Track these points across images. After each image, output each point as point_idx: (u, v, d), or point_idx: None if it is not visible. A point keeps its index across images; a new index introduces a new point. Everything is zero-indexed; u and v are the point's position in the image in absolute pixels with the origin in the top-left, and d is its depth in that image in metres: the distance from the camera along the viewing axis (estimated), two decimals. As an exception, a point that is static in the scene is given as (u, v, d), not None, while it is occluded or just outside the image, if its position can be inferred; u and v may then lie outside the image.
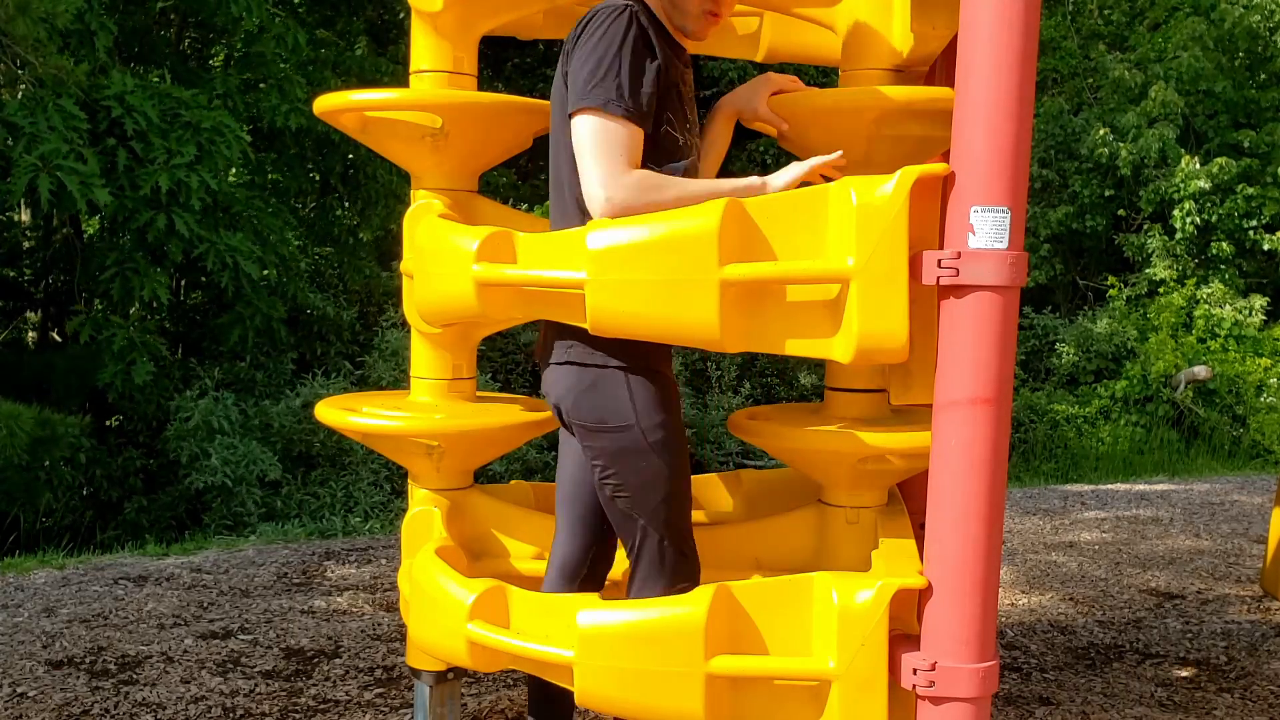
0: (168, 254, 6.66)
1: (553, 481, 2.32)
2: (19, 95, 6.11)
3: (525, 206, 8.68)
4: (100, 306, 7.13)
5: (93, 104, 6.21)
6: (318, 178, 8.94)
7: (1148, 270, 10.78)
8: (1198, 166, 10.28)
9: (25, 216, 8.19)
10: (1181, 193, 10.30)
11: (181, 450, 6.56)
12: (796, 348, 1.81)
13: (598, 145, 1.85)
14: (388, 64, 8.79)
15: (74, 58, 6.16)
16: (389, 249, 9.32)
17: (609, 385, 1.95)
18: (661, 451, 1.95)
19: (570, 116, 1.90)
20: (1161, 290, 10.64)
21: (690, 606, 1.79)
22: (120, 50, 7.48)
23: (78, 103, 6.01)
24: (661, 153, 1.94)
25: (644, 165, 1.89)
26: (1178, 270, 10.59)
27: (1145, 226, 10.98)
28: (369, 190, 8.74)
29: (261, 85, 7.70)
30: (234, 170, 7.44)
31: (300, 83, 7.63)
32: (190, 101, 6.58)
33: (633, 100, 1.85)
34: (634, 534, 2.02)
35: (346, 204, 9.30)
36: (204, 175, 6.37)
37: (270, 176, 8.47)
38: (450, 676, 2.58)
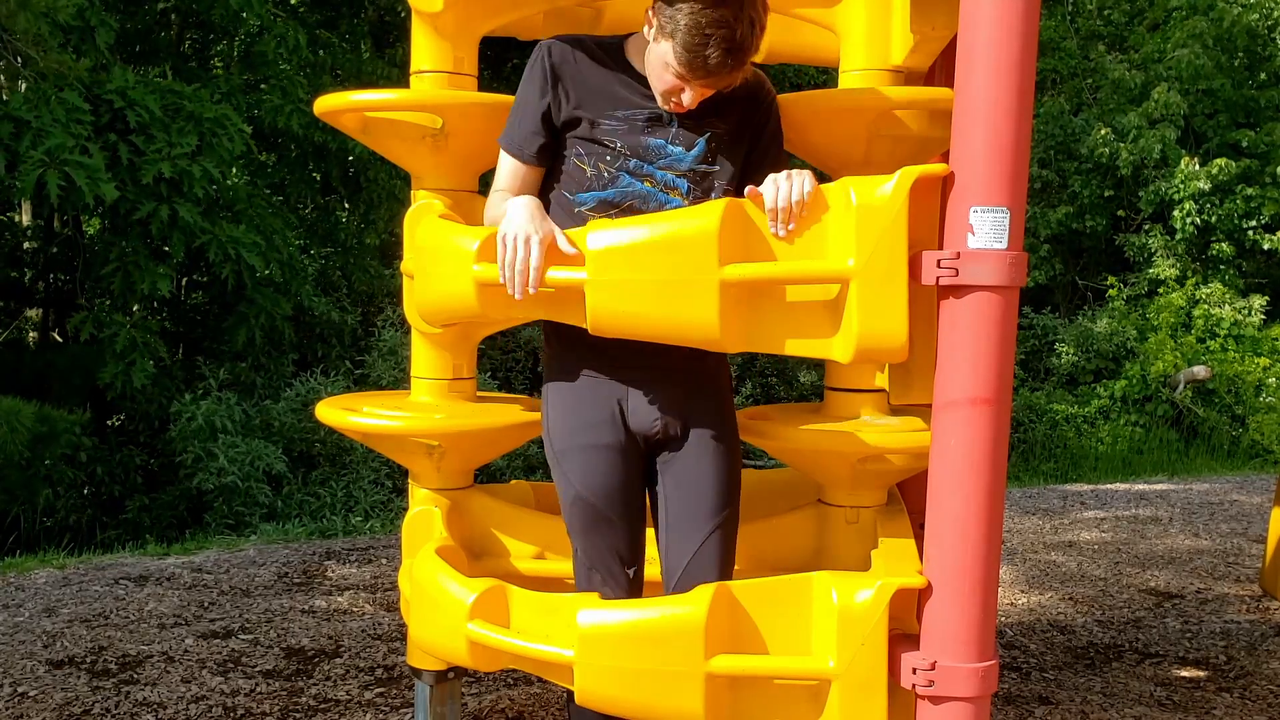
0: (170, 249, 6.66)
1: (553, 481, 2.32)
2: (21, 89, 6.11)
3: (525, 207, 8.64)
4: (101, 304, 7.13)
5: (94, 98, 6.21)
6: (318, 178, 8.94)
7: (1148, 270, 10.79)
8: (1197, 167, 10.28)
9: (25, 218, 8.19)
10: (1181, 193, 10.30)
11: (186, 453, 6.56)
12: (796, 348, 1.81)
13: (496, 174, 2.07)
14: (385, 66, 8.78)
15: (75, 53, 6.15)
16: (391, 249, 9.32)
17: (544, 396, 2.10)
18: (562, 463, 2.04)
19: None
20: (1161, 290, 10.65)
21: (690, 606, 1.79)
22: (121, 50, 7.49)
23: (80, 97, 6.01)
24: (571, 183, 1.98)
25: (552, 190, 2.00)
26: (1178, 270, 10.60)
27: (1146, 227, 10.98)
28: (370, 193, 8.73)
29: (264, 86, 7.70)
30: (235, 170, 7.44)
31: (302, 83, 7.62)
32: (191, 96, 6.58)
33: (517, 135, 2.00)
34: None
35: (348, 206, 9.30)
36: (206, 165, 6.36)
37: (274, 175, 8.46)
38: (451, 676, 2.58)
